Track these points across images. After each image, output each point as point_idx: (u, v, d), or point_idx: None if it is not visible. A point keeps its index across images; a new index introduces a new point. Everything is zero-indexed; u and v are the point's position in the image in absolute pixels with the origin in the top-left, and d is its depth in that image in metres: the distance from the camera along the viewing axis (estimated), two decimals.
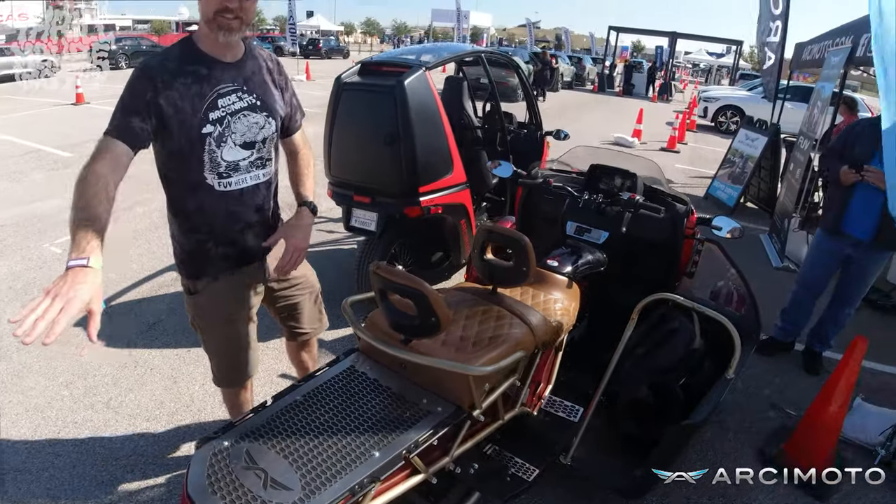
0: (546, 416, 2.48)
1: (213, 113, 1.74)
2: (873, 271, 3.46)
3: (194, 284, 1.96)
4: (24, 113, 11.71)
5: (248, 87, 1.84)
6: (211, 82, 1.75)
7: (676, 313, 2.63)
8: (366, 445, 1.50)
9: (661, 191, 2.95)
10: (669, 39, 27.44)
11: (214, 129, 1.75)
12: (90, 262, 1.38)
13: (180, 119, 1.70)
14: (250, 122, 1.84)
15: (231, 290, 1.99)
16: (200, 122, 1.72)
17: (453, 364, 1.64)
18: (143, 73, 1.68)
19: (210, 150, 1.77)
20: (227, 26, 1.69)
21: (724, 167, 8.03)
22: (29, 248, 4.91)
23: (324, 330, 2.44)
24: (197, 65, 1.74)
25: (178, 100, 1.68)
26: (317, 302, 2.33)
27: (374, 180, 3.54)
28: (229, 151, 1.81)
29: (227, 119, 1.77)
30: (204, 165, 1.78)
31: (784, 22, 7.27)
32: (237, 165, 1.85)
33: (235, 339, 2.07)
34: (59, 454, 2.64)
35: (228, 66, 1.80)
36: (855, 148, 3.29)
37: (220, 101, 1.76)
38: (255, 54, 1.92)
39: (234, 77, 1.80)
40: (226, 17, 1.68)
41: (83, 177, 1.53)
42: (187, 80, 1.70)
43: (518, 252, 2.07)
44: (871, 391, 3.44)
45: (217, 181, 1.83)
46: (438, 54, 3.81)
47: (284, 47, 29.55)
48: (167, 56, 1.73)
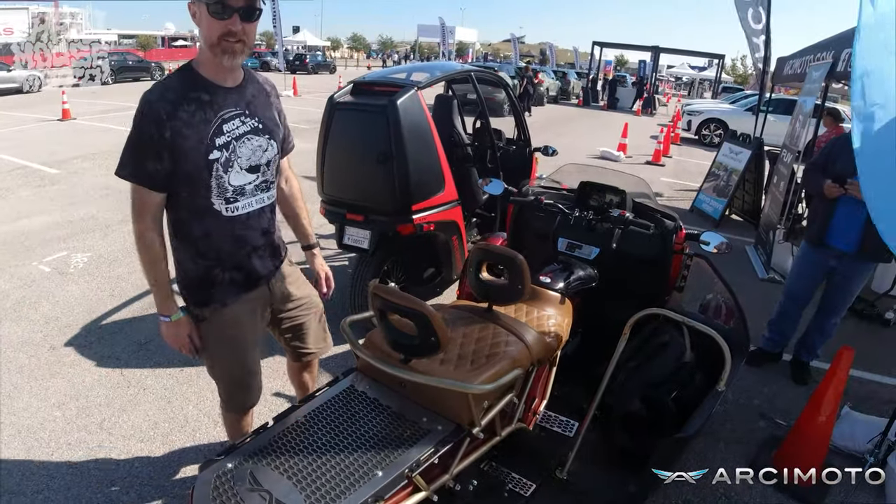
0: (541, 432, 2.51)
1: (220, 138, 1.76)
2: (858, 282, 3.54)
3: (202, 311, 1.96)
4: (9, 129, 11.63)
5: (250, 110, 1.86)
6: (214, 108, 1.76)
7: (667, 327, 2.68)
8: (369, 465, 1.52)
9: (650, 207, 3.00)
10: (652, 53, 27.78)
11: (221, 154, 1.77)
12: (172, 318, 1.91)
13: (188, 147, 1.72)
14: (254, 146, 1.86)
15: (239, 315, 1.99)
16: (207, 148, 1.74)
17: (453, 383, 1.66)
18: (146, 110, 1.70)
19: (217, 175, 1.79)
20: (230, 50, 1.72)
21: (708, 180, 8.16)
22: (17, 266, 4.88)
23: (328, 349, 2.45)
24: (199, 91, 1.75)
25: (183, 128, 1.70)
26: (320, 321, 2.34)
27: (367, 198, 3.58)
28: (236, 176, 1.83)
29: (233, 143, 1.80)
30: (211, 191, 1.80)
31: (767, 36, 7.43)
32: (243, 189, 1.87)
33: (245, 363, 2.07)
34: (53, 476, 2.62)
35: (230, 90, 1.82)
36: (837, 162, 3.37)
37: (224, 126, 1.78)
38: (254, 78, 1.95)
39: (236, 101, 1.82)
40: (229, 40, 1.71)
41: (137, 236, 1.82)
42: (191, 108, 1.72)
43: (513, 270, 2.10)
44: (859, 399, 3.50)
45: (224, 206, 1.84)
46: (431, 74, 3.87)
47: (271, 63, 29.64)
48: (167, 86, 1.74)
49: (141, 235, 1.79)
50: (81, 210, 6.46)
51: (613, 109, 24.50)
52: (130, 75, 23.97)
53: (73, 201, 6.79)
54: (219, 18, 1.68)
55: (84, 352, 3.63)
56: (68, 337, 3.81)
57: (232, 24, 1.69)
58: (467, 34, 57.25)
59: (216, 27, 1.69)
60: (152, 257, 1.81)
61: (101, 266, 4.95)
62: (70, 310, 4.17)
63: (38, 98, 17.70)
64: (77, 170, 8.25)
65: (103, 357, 3.58)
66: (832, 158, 3.45)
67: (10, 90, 18.31)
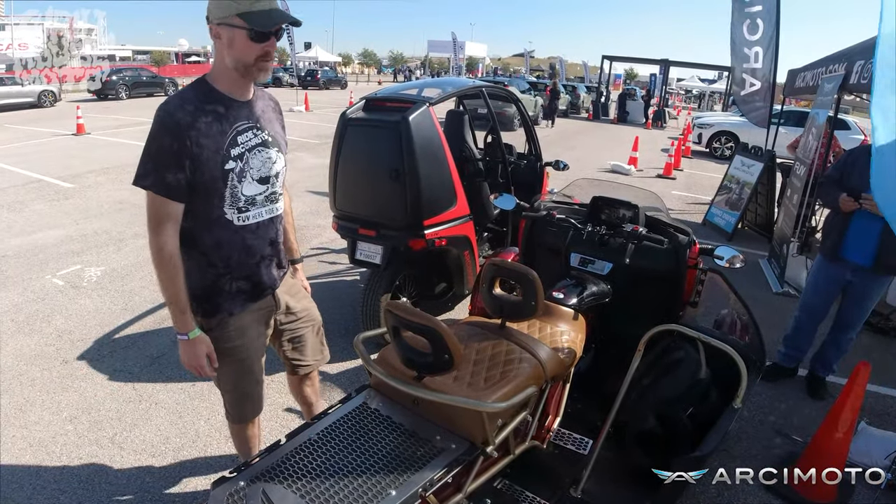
0: (555, 449, 2.48)
1: (235, 149, 1.81)
2: (874, 296, 3.50)
3: (209, 322, 1.97)
4: (24, 143, 11.81)
5: (261, 123, 1.92)
6: (230, 120, 1.82)
7: (682, 343, 2.65)
8: (382, 484, 1.50)
9: (664, 221, 2.98)
10: (661, 67, 27.80)
11: (236, 164, 1.82)
12: (189, 335, 1.87)
13: (206, 156, 1.75)
14: (264, 158, 1.91)
15: (245, 325, 2.01)
16: (224, 158, 1.79)
17: (466, 401, 1.65)
18: (165, 121, 1.72)
19: (232, 185, 1.83)
20: (266, 69, 1.82)
21: (720, 193, 8.12)
22: (31, 279, 4.92)
23: (325, 362, 2.46)
24: (215, 104, 1.80)
25: (201, 138, 1.74)
26: (318, 334, 2.36)
27: (380, 214, 3.58)
28: (248, 186, 1.87)
29: (246, 155, 1.85)
30: (225, 201, 1.84)
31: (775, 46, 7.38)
32: (254, 200, 1.91)
33: (250, 373, 2.08)
34: (64, 490, 2.62)
35: (243, 104, 1.88)
36: (853, 175, 3.35)
37: (239, 137, 1.83)
38: (262, 94, 2.01)
39: (248, 115, 1.88)
40: (266, 60, 1.80)
41: (156, 249, 1.78)
42: (208, 119, 1.76)
43: (526, 286, 2.10)
44: (875, 415, 3.45)
45: (236, 216, 1.88)
46: (442, 90, 3.88)
47: (283, 78, 29.94)
48: (184, 98, 1.78)
49: (160, 248, 1.78)
50: (95, 224, 6.53)
51: (624, 123, 24.49)
52: (144, 91, 24.39)
53: (88, 215, 6.86)
54: (258, 42, 1.75)
55: (96, 365, 3.65)
56: (81, 351, 3.83)
57: (270, 45, 1.79)
58: (477, 49, 57.61)
59: (254, 50, 1.76)
60: (171, 271, 1.80)
61: (115, 280, 4.98)
62: (83, 323, 4.20)
63: (52, 112, 17.97)
64: (91, 184, 8.35)
65: (116, 371, 3.59)
66: (847, 171, 3.42)
67: (25, 105, 18.62)
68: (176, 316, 1.85)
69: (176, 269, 1.80)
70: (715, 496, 2.76)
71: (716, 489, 2.77)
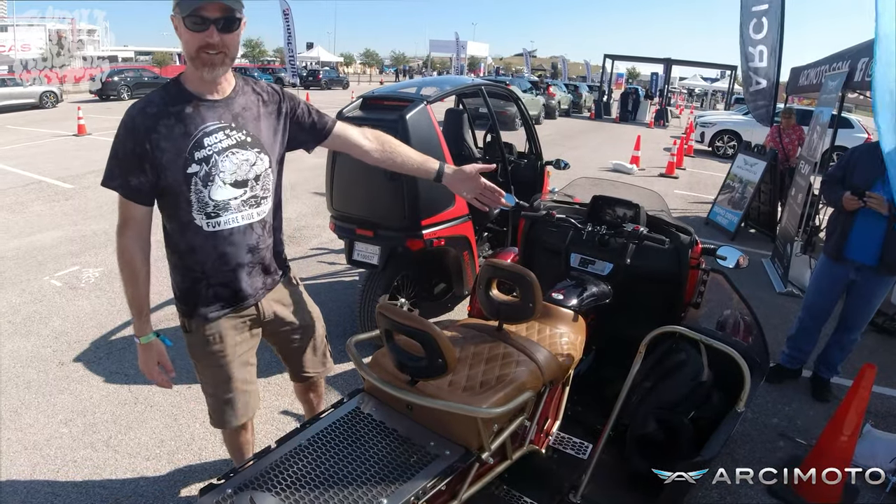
0: (554, 454, 2.44)
1: (199, 152, 1.72)
2: (879, 296, 3.45)
3: (189, 323, 1.93)
4: (25, 144, 11.81)
5: (237, 123, 1.80)
6: (196, 121, 1.72)
7: (684, 345, 2.60)
8: (373, 492, 1.46)
9: (665, 221, 2.93)
10: (664, 66, 27.73)
11: (200, 168, 1.73)
12: (141, 340, 1.87)
13: (166, 160, 1.69)
14: (240, 160, 1.79)
15: (224, 331, 1.95)
16: (185, 161, 1.71)
17: (461, 406, 1.60)
18: (127, 124, 1.69)
19: (196, 189, 1.74)
20: (210, 62, 1.68)
21: (723, 192, 8.07)
22: (29, 280, 4.90)
23: (328, 374, 2.40)
24: (181, 105, 1.72)
25: (161, 141, 1.68)
26: (319, 346, 2.26)
27: (377, 214, 3.54)
28: (218, 191, 1.77)
29: (214, 157, 1.74)
30: (192, 205, 1.76)
31: (779, 45, 7.36)
32: (227, 205, 1.80)
33: (227, 381, 2.01)
34: (58, 494, 2.59)
35: (215, 103, 1.77)
36: (855, 174, 3.31)
37: (205, 139, 1.73)
38: (248, 90, 1.88)
39: (220, 115, 1.77)
40: (209, 52, 1.67)
41: (118, 251, 1.78)
42: (170, 122, 1.69)
43: (524, 288, 2.05)
44: (880, 417, 3.41)
45: (205, 221, 1.79)
46: (440, 88, 3.84)
47: (285, 78, 29.97)
48: (149, 101, 1.73)
49: (120, 251, 1.76)
50: (94, 225, 6.51)
51: (625, 122, 24.42)
52: (146, 91, 24.21)
53: (87, 216, 6.85)
54: (196, 31, 1.64)
55: (93, 367, 3.62)
56: (77, 352, 3.80)
57: (209, 36, 1.65)
58: (479, 49, 57.63)
59: (194, 40, 1.65)
60: (128, 274, 1.78)
61: (113, 281, 4.95)
62: (80, 325, 4.17)
63: (54, 113, 17.99)
64: (91, 185, 8.31)
65: (112, 373, 3.56)
66: (850, 170, 3.38)
67: (26, 105, 18.65)
68: (133, 318, 1.85)
69: (133, 272, 1.78)
70: (717, 501, 2.72)
71: (718, 495, 2.73)
